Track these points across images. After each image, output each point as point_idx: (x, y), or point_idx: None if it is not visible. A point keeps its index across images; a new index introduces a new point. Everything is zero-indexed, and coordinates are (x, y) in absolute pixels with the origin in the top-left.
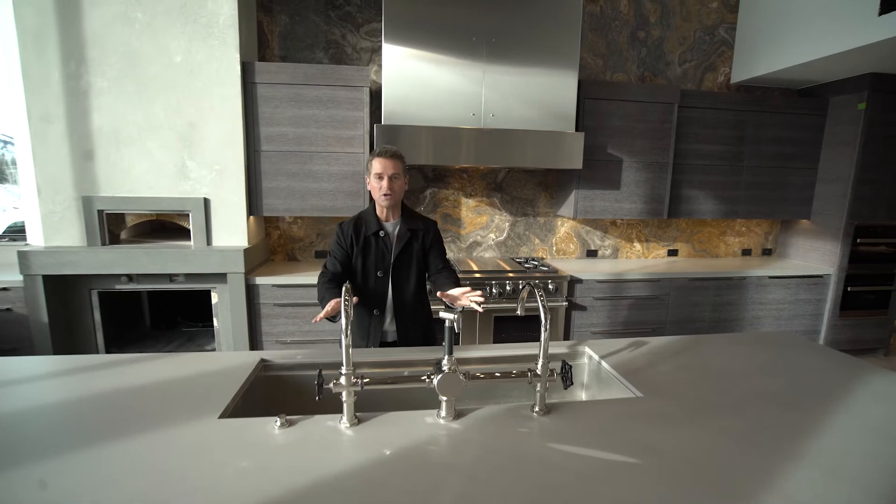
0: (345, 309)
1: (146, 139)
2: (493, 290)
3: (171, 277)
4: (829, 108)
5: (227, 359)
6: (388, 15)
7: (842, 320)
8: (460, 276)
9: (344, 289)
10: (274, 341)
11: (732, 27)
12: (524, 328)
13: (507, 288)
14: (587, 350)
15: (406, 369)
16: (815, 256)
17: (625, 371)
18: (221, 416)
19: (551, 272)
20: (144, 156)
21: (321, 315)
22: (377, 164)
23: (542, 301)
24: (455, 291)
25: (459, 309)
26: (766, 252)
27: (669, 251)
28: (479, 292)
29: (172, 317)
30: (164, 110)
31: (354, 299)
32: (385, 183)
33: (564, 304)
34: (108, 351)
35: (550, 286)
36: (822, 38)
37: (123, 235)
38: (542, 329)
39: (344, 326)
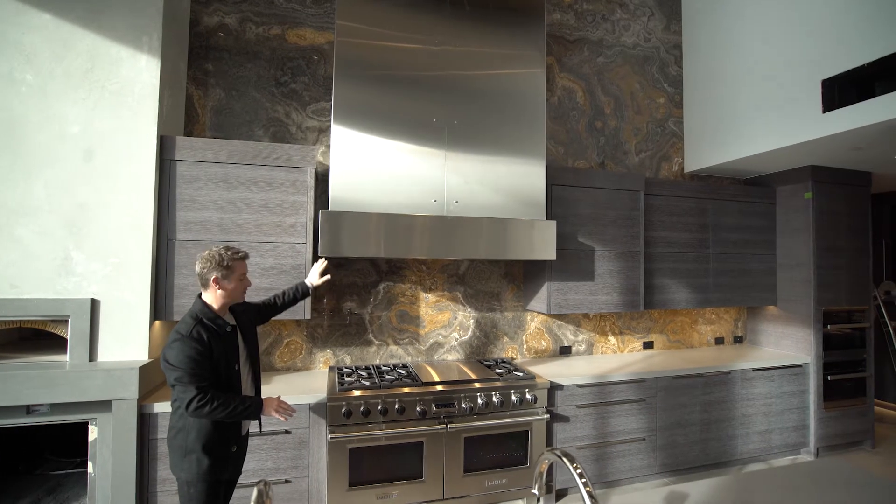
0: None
1: (16, 225)
2: (463, 405)
3: (28, 409)
4: (778, 197)
5: None
6: (338, 97)
7: (826, 412)
8: (419, 389)
9: None
10: (171, 492)
11: (680, 120)
12: (497, 448)
13: (480, 402)
14: None
15: None
16: (788, 344)
17: None
18: None
19: (527, 378)
20: (11, 245)
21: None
22: (244, 266)
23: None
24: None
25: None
26: (738, 339)
27: (645, 343)
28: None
29: (38, 453)
30: (46, 189)
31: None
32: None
33: (546, 416)
34: None
35: (528, 396)
36: (768, 132)
37: None
38: None
39: None
